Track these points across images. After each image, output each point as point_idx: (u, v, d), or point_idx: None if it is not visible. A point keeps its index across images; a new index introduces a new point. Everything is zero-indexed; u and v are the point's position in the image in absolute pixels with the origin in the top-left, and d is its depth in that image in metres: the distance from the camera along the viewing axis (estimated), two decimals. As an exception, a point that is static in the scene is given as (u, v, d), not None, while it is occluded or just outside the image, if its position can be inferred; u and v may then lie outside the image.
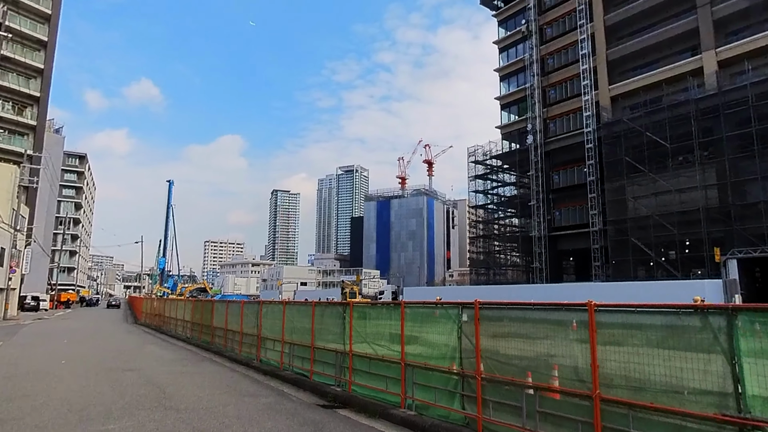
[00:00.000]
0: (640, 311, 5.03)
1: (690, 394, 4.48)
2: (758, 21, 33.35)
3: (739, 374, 4.16)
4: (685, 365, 4.50)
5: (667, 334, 4.80)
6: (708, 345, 4.44)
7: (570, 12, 43.05)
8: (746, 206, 31.78)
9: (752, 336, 4.20)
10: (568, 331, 5.73)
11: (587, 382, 5.26)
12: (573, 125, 42.09)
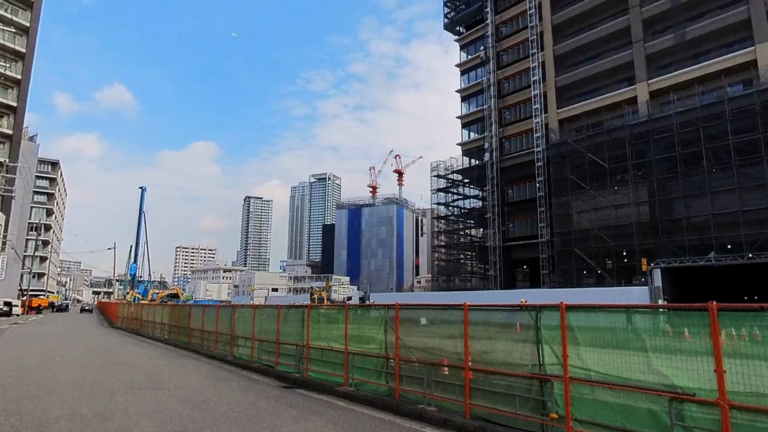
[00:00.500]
0: (492, 309, 7.39)
1: (515, 364, 6.85)
2: (683, 58, 37.15)
3: (541, 351, 6.54)
4: (513, 346, 6.89)
5: (504, 326, 7.17)
6: (526, 332, 6.80)
7: (524, 41, 46.37)
8: (672, 221, 35.28)
9: (549, 327, 6.56)
10: (454, 325, 8.05)
11: (462, 359, 7.58)
12: (525, 144, 45.26)
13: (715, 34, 35.65)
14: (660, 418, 5.29)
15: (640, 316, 5.98)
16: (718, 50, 35.70)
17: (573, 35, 44.14)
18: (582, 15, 43.32)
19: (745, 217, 31.58)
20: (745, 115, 31.97)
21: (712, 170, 33.68)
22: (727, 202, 32.78)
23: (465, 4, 54.30)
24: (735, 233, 31.74)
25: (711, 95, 34.58)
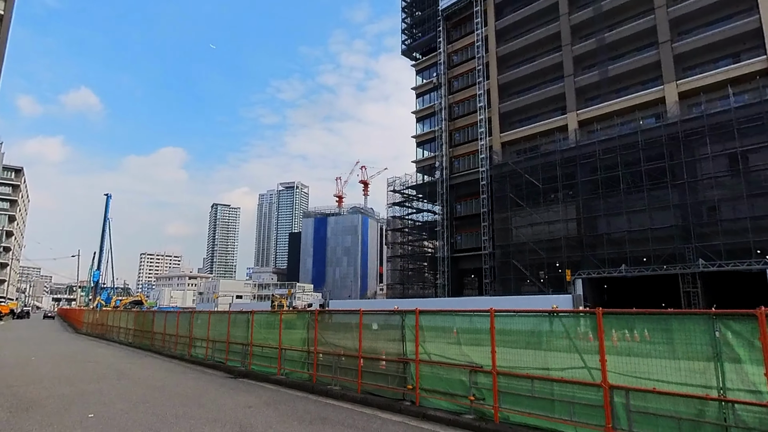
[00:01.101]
0: (376, 313, 10.00)
1: (390, 353, 9.47)
2: (606, 92, 41.32)
3: (405, 343, 9.18)
4: (389, 341, 9.51)
5: (384, 326, 9.79)
6: (398, 332, 9.43)
7: (472, 70, 49.94)
8: (595, 236, 39.05)
9: (410, 326, 9.19)
10: (353, 326, 10.62)
11: (356, 349, 10.15)
12: (472, 164, 48.63)
13: (632, 73, 39.92)
14: (465, 384, 8.00)
15: (459, 318, 8.68)
16: (635, 87, 39.93)
17: (515, 66, 47.97)
18: (523, 49, 47.22)
19: (654, 234, 35.53)
20: (654, 144, 36.03)
21: (629, 192, 37.59)
22: (640, 220, 36.71)
23: (421, 32, 57.73)
24: (646, 248, 35.60)
25: (628, 126, 38.69)
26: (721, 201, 33.66)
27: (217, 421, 7.63)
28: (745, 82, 34.43)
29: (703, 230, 33.77)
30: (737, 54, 35.60)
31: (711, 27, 36.69)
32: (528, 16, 47.14)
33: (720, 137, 33.38)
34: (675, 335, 6.21)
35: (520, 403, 7.21)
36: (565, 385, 6.75)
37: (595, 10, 42.22)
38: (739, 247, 31.59)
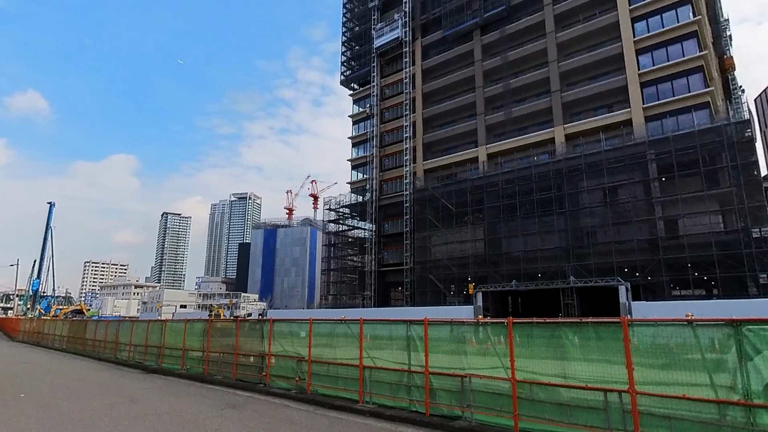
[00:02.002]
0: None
1: (255, 351, 12.81)
2: (511, 130, 46.67)
3: (265, 343, 12.55)
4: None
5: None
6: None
7: (401, 103, 54.40)
8: (498, 255, 43.85)
9: (267, 332, 12.57)
10: (232, 331, 13.87)
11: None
12: (399, 188, 52.81)
13: (530, 115, 45.47)
14: (295, 369, 11.47)
15: (298, 324, 12.18)
16: (532, 127, 45.44)
17: (438, 102, 52.85)
18: (444, 87, 52.20)
19: (543, 254, 40.71)
20: (545, 177, 41.36)
21: (525, 217, 42.70)
22: (533, 242, 41.86)
23: (358, 65, 61.87)
24: (537, 266, 40.69)
25: (527, 160, 44.02)
26: (595, 227, 39.28)
27: (117, 396, 10.74)
28: (616, 129, 40.43)
29: (581, 251, 39.17)
30: (611, 105, 41.70)
31: (592, 81, 42.73)
32: (449, 59, 52.25)
33: (595, 174, 39.02)
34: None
35: (323, 381, 10.77)
36: (348, 368, 10.34)
37: (503, 59, 47.72)
38: (607, 266, 37.03)
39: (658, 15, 39.83)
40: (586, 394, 6.70)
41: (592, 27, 42.87)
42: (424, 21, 55.19)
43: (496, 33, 48.82)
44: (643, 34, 40.11)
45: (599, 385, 6.55)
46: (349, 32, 63.82)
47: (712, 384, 5.84)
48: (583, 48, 43.59)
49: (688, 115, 37.25)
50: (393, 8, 58.14)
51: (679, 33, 38.21)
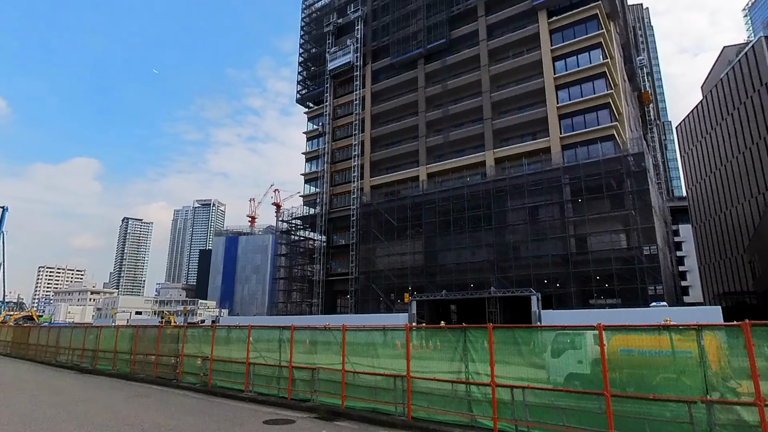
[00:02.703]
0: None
1: (171, 352, 14.88)
2: (449, 152, 50.01)
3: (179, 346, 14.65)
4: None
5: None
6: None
7: (351, 123, 57.07)
8: (435, 266, 46.84)
9: (181, 336, 14.68)
10: (154, 337, 15.88)
11: (155, 350, 15.40)
12: (347, 202, 55.25)
13: (466, 139, 48.99)
14: (201, 367, 13.63)
15: (203, 330, 14.35)
16: (467, 150, 48.95)
17: (385, 124, 55.83)
18: (391, 111, 55.26)
19: (473, 266, 43.94)
20: (476, 197, 44.73)
21: (458, 233, 45.89)
22: (465, 255, 45.08)
23: (314, 85, 64.26)
24: (468, 277, 43.87)
25: (461, 181, 47.36)
26: (517, 243, 42.81)
27: (46, 389, 12.63)
28: (538, 155, 44.30)
29: (505, 264, 42.60)
30: (535, 133, 45.65)
31: (520, 111, 46.63)
32: (396, 84, 55.43)
33: (518, 195, 42.66)
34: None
35: (222, 375, 13.00)
36: (239, 364, 12.60)
37: (443, 87, 51.20)
38: (527, 278, 40.52)
39: (574, 56, 44.16)
40: (384, 380, 9.29)
41: (519, 63, 46.89)
42: (374, 47, 58.26)
43: (437, 63, 52.33)
44: (561, 72, 44.34)
45: (390, 372, 9.14)
46: (306, 53, 66.25)
47: (453, 371, 8.53)
48: (513, 81, 47.54)
49: (598, 145, 41.50)
50: (347, 34, 60.99)
51: (591, 73, 42.57)
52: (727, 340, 7.26)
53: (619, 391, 7.49)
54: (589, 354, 9.06)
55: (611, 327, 7.96)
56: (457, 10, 51.82)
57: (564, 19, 45.04)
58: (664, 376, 8.16)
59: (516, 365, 8.47)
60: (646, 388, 7.47)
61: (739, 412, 6.82)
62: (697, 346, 7.60)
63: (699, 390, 7.02)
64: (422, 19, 53.78)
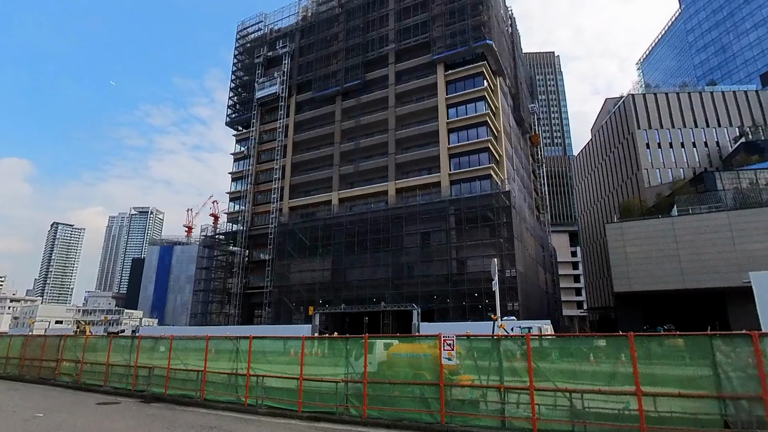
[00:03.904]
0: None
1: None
2: (359, 180, 54.50)
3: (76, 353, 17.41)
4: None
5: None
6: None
7: (274, 148, 60.31)
8: (341, 283, 50.67)
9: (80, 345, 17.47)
10: (59, 345, 18.47)
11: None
12: (267, 221, 58.15)
13: (374, 170, 53.70)
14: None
15: (105, 339, 17.29)
16: (375, 180, 53.62)
17: (305, 151, 59.57)
18: (311, 140, 59.16)
19: (373, 283, 48.22)
20: (379, 221, 49.28)
21: (362, 252, 50.11)
22: (367, 273, 49.31)
23: (243, 110, 66.94)
24: (370, 292, 48.05)
25: (367, 206, 51.80)
26: (410, 263, 47.66)
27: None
28: (431, 188, 49.70)
29: (400, 282, 47.21)
30: (430, 168, 51.12)
31: (419, 149, 51.95)
32: (316, 117, 59.52)
33: (413, 221, 47.64)
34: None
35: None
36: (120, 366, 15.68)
37: (357, 122, 55.90)
38: (416, 294, 45.26)
39: (464, 105, 50.30)
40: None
41: (420, 107, 52.51)
42: (299, 81, 62.17)
43: (353, 100, 57.03)
44: (453, 117, 50.31)
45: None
46: (238, 80, 68.94)
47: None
48: (414, 122, 53.03)
49: (478, 182, 47.51)
50: (275, 66, 64.51)
51: (476, 121, 48.75)
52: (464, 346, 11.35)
53: (387, 380, 11.08)
54: (377, 357, 13.25)
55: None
56: (372, 56, 56.96)
57: (457, 73, 51.23)
58: (417, 372, 12.25)
59: (338, 366, 12.22)
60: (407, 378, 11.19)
61: (461, 393, 10.67)
62: (436, 351, 11.79)
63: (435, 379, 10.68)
64: (342, 60, 58.46)
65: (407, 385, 10.70)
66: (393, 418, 9.96)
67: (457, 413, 9.83)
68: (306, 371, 11.15)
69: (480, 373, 10.83)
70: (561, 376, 9.47)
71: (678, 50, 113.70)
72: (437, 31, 52.83)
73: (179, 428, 9.70)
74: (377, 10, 58.63)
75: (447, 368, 11.40)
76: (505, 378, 9.83)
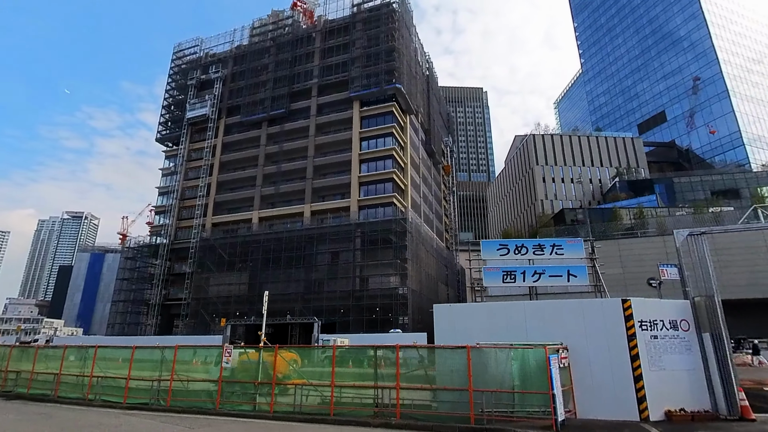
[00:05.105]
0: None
1: None
2: (279, 201, 57.18)
3: None
4: None
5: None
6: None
7: (201, 166, 61.71)
8: (256, 296, 52.61)
9: None
10: None
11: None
12: (190, 236, 59.18)
13: (293, 193, 56.69)
14: None
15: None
16: (293, 202, 56.58)
17: (231, 171, 61.52)
18: (237, 161, 61.27)
19: (287, 297, 50.71)
20: (294, 240, 52.07)
21: (277, 268, 52.59)
22: (282, 287, 51.73)
23: (175, 128, 67.75)
24: (282, 305, 50.37)
25: (285, 226, 54.49)
26: (321, 279, 50.77)
27: None
28: (342, 211, 53.35)
29: (310, 296, 50.08)
30: (343, 194, 54.82)
31: (334, 176, 55.62)
32: (243, 139, 61.81)
33: (324, 241, 50.94)
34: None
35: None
36: None
37: (280, 148, 58.81)
38: (322, 308, 48.28)
39: (374, 139, 54.73)
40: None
41: (337, 138, 56.38)
42: (229, 105, 64.28)
43: (278, 127, 59.98)
44: (365, 150, 54.53)
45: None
46: (171, 98, 69.78)
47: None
48: (331, 151, 56.77)
49: (382, 209, 51.77)
50: (208, 89, 66.21)
51: (383, 154, 53.22)
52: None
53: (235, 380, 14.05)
54: (233, 362, 16.17)
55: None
56: (297, 87, 60.41)
57: (370, 110, 55.72)
58: (248, 372, 15.31)
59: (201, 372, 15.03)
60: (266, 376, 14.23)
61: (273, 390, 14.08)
62: (258, 357, 14.91)
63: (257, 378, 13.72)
64: (270, 89, 61.39)
65: (199, 383, 13.94)
66: (187, 406, 13.11)
67: (227, 401, 13.15)
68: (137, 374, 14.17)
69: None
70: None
71: (580, 99, 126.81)
72: (356, 71, 57.23)
73: (23, 414, 12.26)
74: (305, 46, 62.36)
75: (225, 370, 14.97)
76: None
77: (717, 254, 37.93)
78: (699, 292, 11.79)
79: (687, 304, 11.83)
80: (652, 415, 10.68)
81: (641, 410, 10.71)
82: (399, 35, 57.19)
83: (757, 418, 10.67)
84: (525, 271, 14.30)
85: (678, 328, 11.54)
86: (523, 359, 10.48)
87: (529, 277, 14.30)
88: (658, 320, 11.42)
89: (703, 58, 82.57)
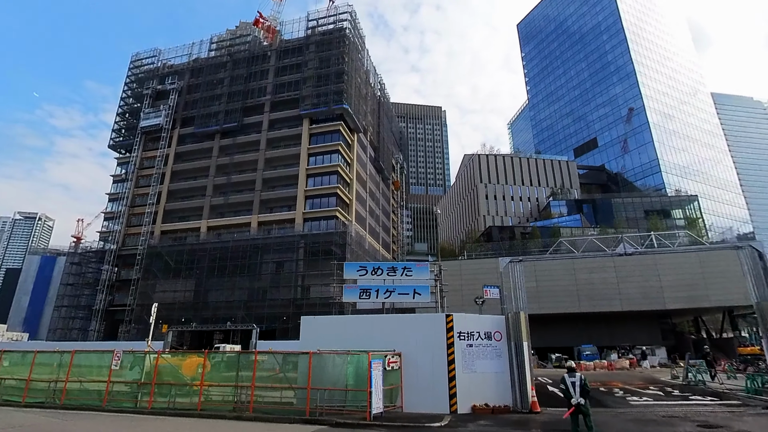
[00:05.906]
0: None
1: None
2: (228, 211, 57.93)
3: None
4: None
5: None
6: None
7: (153, 174, 61.60)
8: (202, 303, 53.10)
9: None
10: None
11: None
12: (138, 242, 58.84)
13: (241, 204, 57.65)
14: None
15: None
16: (242, 212, 57.51)
17: (182, 180, 61.77)
18: (189, 170, 61.63)
19: (231, 304, 51.39)
20: (241, 249, 52.88)
21: (223, 276, 53.22)
22: (227, 294, 52.41)
23: (128, 135, 67.26)
24: (227, 312, 51.01)
25: (232, 235, 55.22)
26: (265, 288, 51.79)
27: None
28: (287, 223, 54.72)
29: (254, 304, 50.94)
30: (290, 206, 56.21)
31: (282, 189, 56.97)
32: (196, 150, 62.28)
33: (269, 251, 52.05)
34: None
35: None
36: None
37: (231, 160, 59.72)
38: (264, 315, 49.27)
39: (321, 156, 56.63)
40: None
41: (286, 153, 57.91)
42: (184, 115, 64.63)
43: (230, 140, 60.88)
44: (312, 165, 56.32)
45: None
46: (127, 106, 69.28)
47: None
48: (281, 165, 58.18)
49: (326, 222, 53.54)
50: (163, 99, 66.29)
51: (329, 170, 55.18)
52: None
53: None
54: (146, 366, 17.35)
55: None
56: (250, 103, 61.65)
57: (319, 128, 57.67)
58: (176, 374, 16.59)
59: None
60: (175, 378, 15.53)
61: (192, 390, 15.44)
62: (173, 361, 16.26)
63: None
64: (224, 102, 62.31)
65: (94, 383, 15.35)
66: (79, 404, 14.50)
67: (114, 399, 14.63)
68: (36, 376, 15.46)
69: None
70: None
71: (527, 123, 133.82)
72: (307, 90, 59.12)
73: None
74: (260, 64, 63.77)
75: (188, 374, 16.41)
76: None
77: (543, 277, 42.55)
78: (511, 308, 14.31)
79: (503, 319, 14.32)
80: (460, 409, 12.99)
81: (452, 404, 13.01)
82: (349, 58, 59.60)
83: (543, 411, 13.17)
84: (378, 289, 16.56)
85: (492, 339, 13.98)
86: (357, 363, 12.56)
87: (381, 294, 16.56)
88: (474, 332, 13.81)
89: (629, 91, 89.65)
